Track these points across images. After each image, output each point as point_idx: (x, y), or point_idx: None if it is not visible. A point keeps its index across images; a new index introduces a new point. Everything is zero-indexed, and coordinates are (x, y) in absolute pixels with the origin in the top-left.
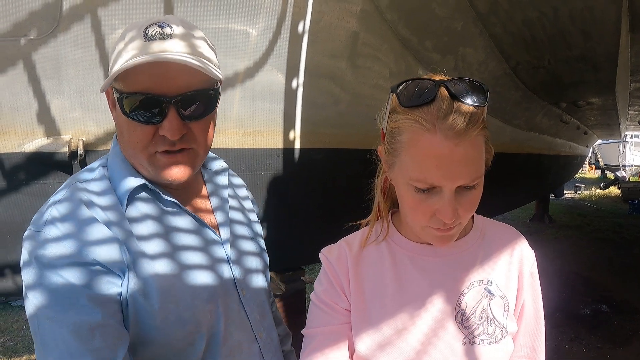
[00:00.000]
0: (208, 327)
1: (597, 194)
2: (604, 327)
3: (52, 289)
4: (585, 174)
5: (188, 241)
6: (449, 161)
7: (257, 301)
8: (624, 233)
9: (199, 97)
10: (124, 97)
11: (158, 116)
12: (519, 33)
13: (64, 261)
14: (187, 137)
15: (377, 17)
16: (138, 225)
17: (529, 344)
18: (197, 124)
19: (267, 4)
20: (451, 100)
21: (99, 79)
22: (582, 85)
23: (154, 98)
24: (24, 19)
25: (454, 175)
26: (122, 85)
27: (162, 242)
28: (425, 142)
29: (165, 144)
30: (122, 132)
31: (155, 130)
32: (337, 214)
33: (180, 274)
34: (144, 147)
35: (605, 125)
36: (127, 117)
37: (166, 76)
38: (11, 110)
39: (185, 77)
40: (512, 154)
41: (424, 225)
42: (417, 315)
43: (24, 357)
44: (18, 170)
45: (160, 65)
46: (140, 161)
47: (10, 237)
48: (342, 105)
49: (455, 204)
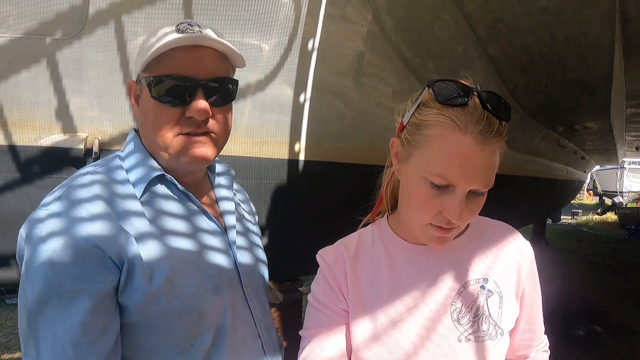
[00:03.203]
0: (214, 319)
1: (594, 219)
2: (598, 348)
3: (45, 269)
4: (583, 200)
5: (196, 233)
6: (472, 163)
7: (259, 300)
8: (620, 257)
9: (223, 84)
10: (154, 82)
11: (188, 98)
12: (517, 57)
13: (60, 241)
14: (210, 123)
15: (382, 38)
16: (150, 212)
17: (529, 327)
18: (219, 111)
19: (280, 22)
20: (482, 110)
21: (118, 82)
22: (578, 108)
23: (186, 78)
24: (51, 19)
25: (473, 178)
26: (151, 73)
27: (171, 230)
28: (454, 140)
29: (191, 126)
30: (146, 119)
31: (181, 113)
32: (338, 226)
33: (187, 263)
34: (170, 129)
35: (602, 150)
36: (155, 101)
37: (197, 61)
38: (31, 105)
39: (213, 63)
40: (510, 175)
41: (426, 224)
42: (414, 314)
43: (17, 354)
44: (33, 163)
45: (193, 50)
46: (163, 145)
47: (19, 227)
48: (346, 120)
49: (462, 206)
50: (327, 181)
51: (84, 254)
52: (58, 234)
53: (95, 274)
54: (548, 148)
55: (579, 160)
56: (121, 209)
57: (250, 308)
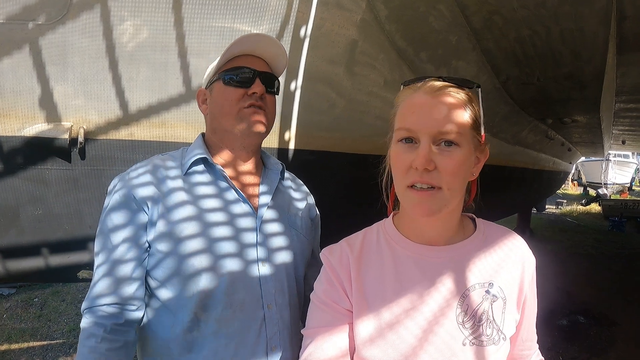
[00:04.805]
0: (216, 271)
1: (578, 210)
2: (581, 338)
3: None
4: (568, 190)
5: (222, 205)
6: (426, 110)
7: (276, 276)
8: (602, 248)
9: (271, 78)
10: (224, 73)
11: (250, 81)
12: (511, 49)
13: (119, 191)
14: (263, 102)
15: (376, 27)
16: (187, 184)
17: (530, 337)
18: (269, 97)
19: (272, 8)
20: (435, 79)
21: (104, 68)
22: (568, 102)
23: (248, 69)
24: (34, 4)
25: (429, 123)
26: (223, 69)
27: (201, 201)
28: (410, 98)
29: (252, 99)
30: (216, 103)
31: (244, 92)
32: (327, 215)
33: (205, 224)
34: (236, 103)
35: (589, 143)
36: (226, 86)
37: (254, 61)
38: (13, 94)
39: (264, 65)
40: (497, 166)
41: (405, 188)
42: (418, 316)
43: (4, 347)
44: (16, 154)
45: (252, 55)
46: (230, 119)
47: (3, 219)
48: (337, 109)
49: (431, 156)
50: (317, 170)
51: (127, 199)
52: (119, 188)
53: (132, 214)
54: (536, 140)
55: (565, 152)
56: (164, 179)
57: (260, 279)
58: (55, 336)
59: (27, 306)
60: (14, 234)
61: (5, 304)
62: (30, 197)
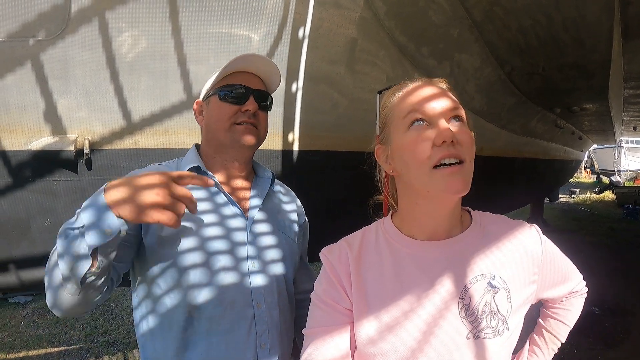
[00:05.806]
0: (207, 269)
1: (591, 198)
2: (596, 329)
3: None
4: (581, 179)
5: (214, 209)
6: (430, 92)
7: (266, 276)
8: (617, 237)
9: (265, 95)
10: (220, 89)
11: (244, 98)
12: (513, 40)
13: None
14: (256, 119)
15: (375, 24)
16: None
17: (567, 289)
18: (261, 114)
19: (269, 11)
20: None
21: (106, 80)
22: (575, 91)
23: (243, 87)
24: (33, 20)
25: (438, 102)
26: (219, 85)
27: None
28: (411, 88)
29: (245, 116)
30: (212, 116)
31: (238, 109)
32: (334, 215)
33: (195, 221)
34: (229, 118)
35: (600, 130)
36: (221, 101)
37: (249, 79)
38: (19, 109)
39: (258, 82)
40: (508, 158)
41: (430, 170)
42: (420, 312)
43: (22, 353)
44: (24, 168)
45: (248, 73)
46: (223, 133)
47: (15, 232)
48: (340, 109)
49: (450, 128)
50: (322, 171)
51: None
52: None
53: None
54: (545, 129)
55: (576, 140)
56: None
57: (250, 277)
58: (72, 342)
59: (44, 313)
60: (25, 245)
61: (23, 312)
62: (40, 209)
